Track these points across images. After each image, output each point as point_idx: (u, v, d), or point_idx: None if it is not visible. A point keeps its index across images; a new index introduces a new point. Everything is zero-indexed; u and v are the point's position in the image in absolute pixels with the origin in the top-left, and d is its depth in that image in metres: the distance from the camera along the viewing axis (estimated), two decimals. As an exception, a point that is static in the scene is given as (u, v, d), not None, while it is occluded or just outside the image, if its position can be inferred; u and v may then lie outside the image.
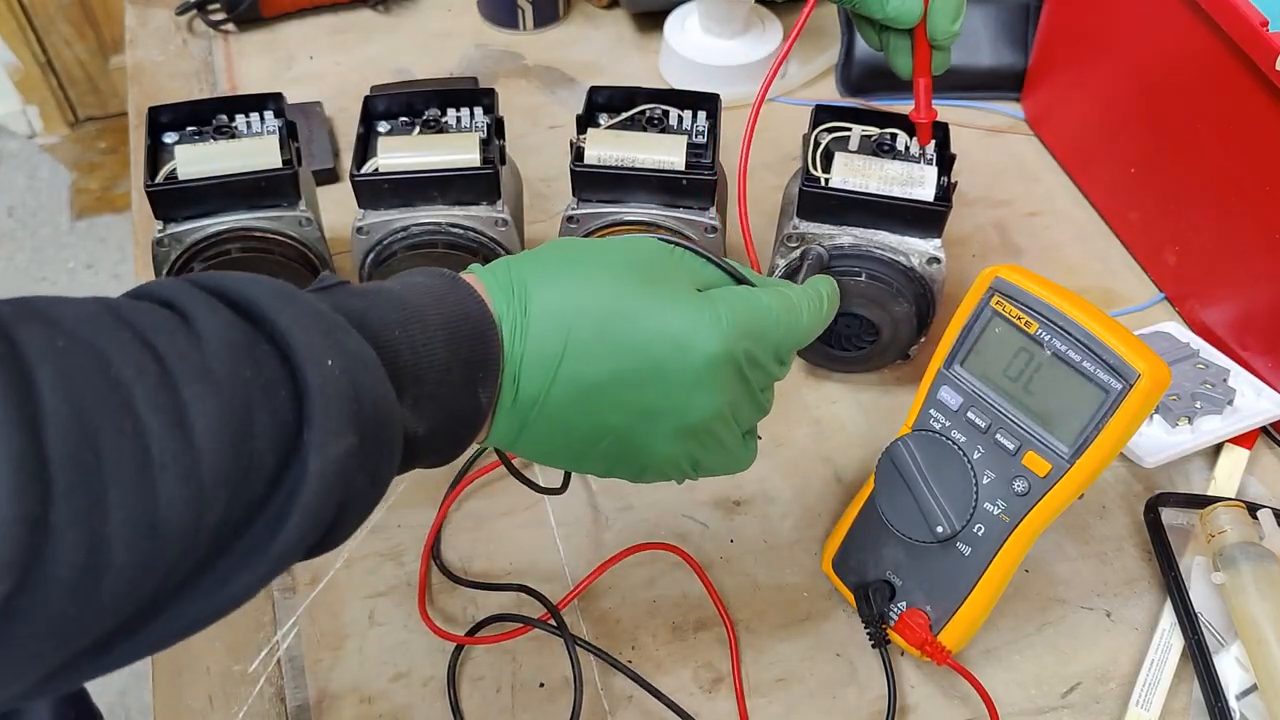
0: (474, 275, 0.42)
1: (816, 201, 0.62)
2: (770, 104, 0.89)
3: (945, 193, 0.61)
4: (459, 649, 0.56)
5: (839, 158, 0.62)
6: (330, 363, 0.33)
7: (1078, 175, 0.82)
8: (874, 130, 0.64)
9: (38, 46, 2.08)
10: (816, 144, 0.64)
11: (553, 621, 0.56)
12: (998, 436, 0.51)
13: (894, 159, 0.63)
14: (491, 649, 0.56)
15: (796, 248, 0.63)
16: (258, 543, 0.31)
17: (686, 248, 0.46)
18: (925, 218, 0.61)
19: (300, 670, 0.56)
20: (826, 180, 0.62)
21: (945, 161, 0.63)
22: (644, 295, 0.42)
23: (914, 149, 0.64)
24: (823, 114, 0.65)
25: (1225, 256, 0.68)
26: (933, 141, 0.63)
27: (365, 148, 0.64)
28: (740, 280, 0.47)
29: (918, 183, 0.61)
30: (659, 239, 0.46)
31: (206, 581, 0.31)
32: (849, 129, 0.64)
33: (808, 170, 0.63)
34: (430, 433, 0.38)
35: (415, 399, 0.37)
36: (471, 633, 0.57)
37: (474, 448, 0.49)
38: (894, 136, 0.64)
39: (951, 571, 0.53)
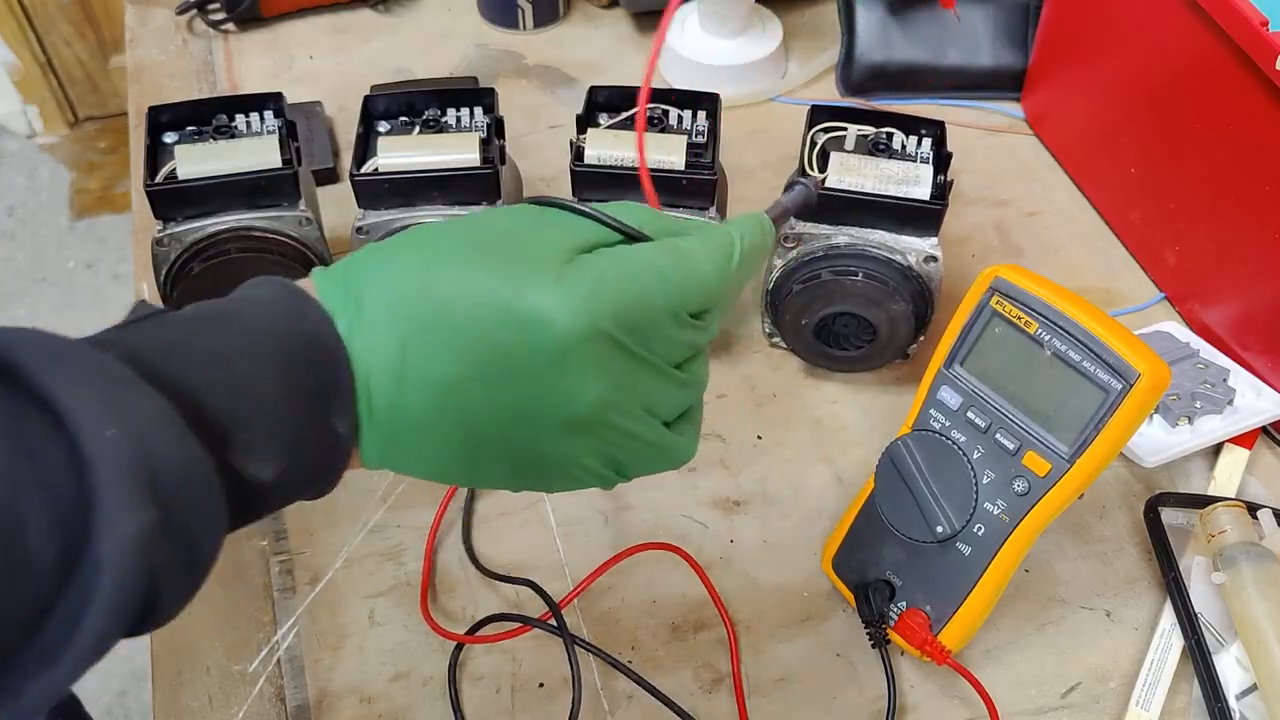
0: (313, 281, 0.37)
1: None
2: (770, 104, 0.89)
3: (941, 191, 0.61)
4: (459, 649, 0.56)
5: (835, 157, 0.62)
6: (112, 432, 0.28)
7: (1078, 175, 0.82)
8: (870, 130, 0.64)
9: (38, 46, 2.08)
10: (813, 144, 0.64)
11: (553, 621, 0.56)
12: (998, 436, 0.51)
13: (890, 158, 0.63)
14: (491, 649, 0.56)
15: (793, 247, 0.63)
16: (54, 642, 0.27)
17: (564, 206, 0.39)
18: (921, 216, 0.61)
19: (300, 670, 0.56)
20: (823, 180, 0.62)
21: (941, 160, 0.63)
22: (487, 273, 0.36)
23: (910, 148, 0.64)
24: (819, 114, 0.65)
25: (1225, 256, 0.68)
26: (929, 140, 0.63)
27: (365, 147, 0.64)
28: (632, 235, 0.40)
29: (913, 181, 0.61)
30: (530, 200, 0.40)
31: None
32: (845, 129, 0.64)
33: (804, 170, 0.63)
34: (282, 476, 0.34)
35: (248, 446, 0.33)
36: (471, 632, 0.57)
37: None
38: (890, 136, 0.64)
39: (951, 571, 0.53)
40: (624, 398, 0.38)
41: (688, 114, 0.65)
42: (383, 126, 0.65)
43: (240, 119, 0.65)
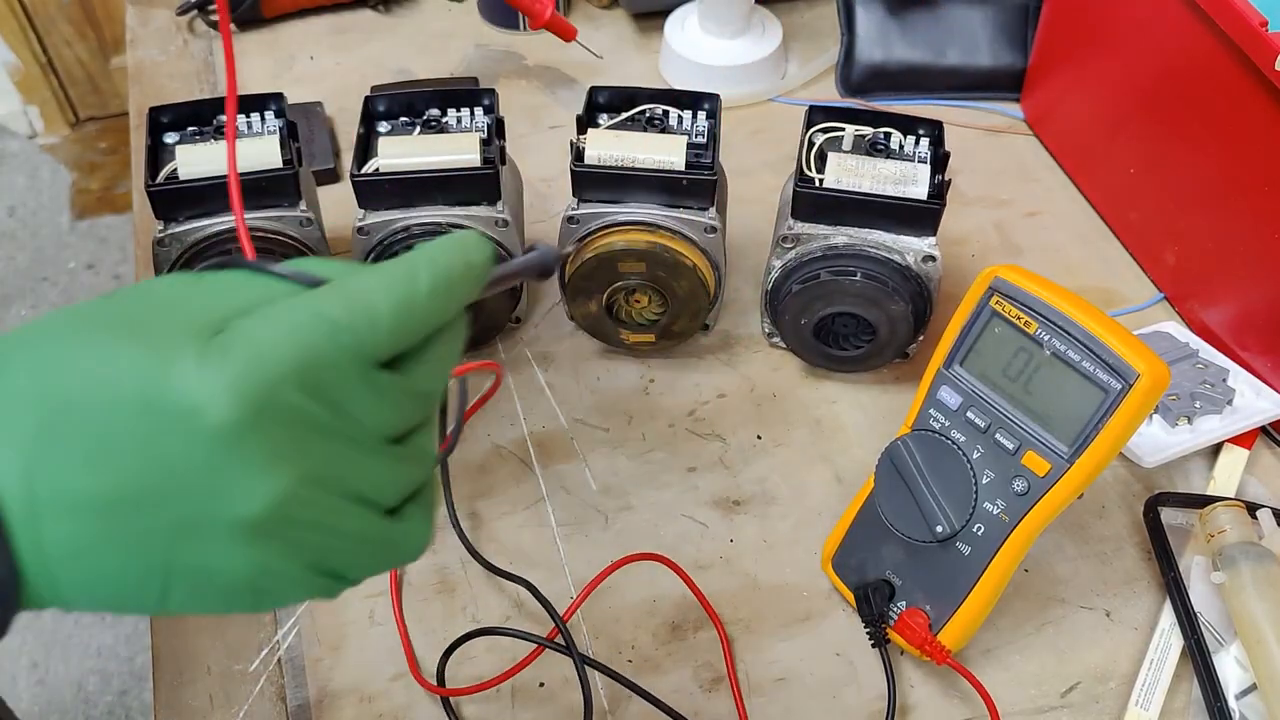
0: None
1: (811, 202, 0.62)
2: (770, 104, 0.89)
3: (939, 190, 0.61)
4: (456, 645, 0.56)
5: (832, 158, 0.62)
6: None
7: (1078, 175, 0.82)
8: (867, 130, 0.65)
9: (38, 46, 2.08)
10: (811, 144, 0.64)
11: (559, 639, 0.55)
12: (997, 436, 0.51)
13: (887, 158, 0.63)
14: (491, 647, 0.56)
15: (792, 248, 0.63)
16: None
17: (226, 265, 0.33)
18: (919, 216, 0.61)
19: (300, 670, 0.56)
20: (820, 180, 0.62)
21: (939, 160, 0.63)
22: (115, 359, 0.29)
23: (907, 148, 0.64)
24: (816, 115, 0.65)
25: (1225, 256, 0.68)
26: (926, 139, 0.64)
27: (365, 148, 0.64)
28: (304, 282, 0.32)
29: (911, 181, 0.61)
30: (193, 271, 0.34)
31: None
32: (842, 129, 0.64)
33: (801, 171, 0.63)
34: None
35: None
36: (469, 636, 0.57)
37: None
38: (887, 136, 0.64)
39: (951, 571, 0.53)
40: (315, 489, 0.30)
41: (688, 114, 0.65)
42: (383, 127, 0.65)
43: (241, 119, 0.65)
